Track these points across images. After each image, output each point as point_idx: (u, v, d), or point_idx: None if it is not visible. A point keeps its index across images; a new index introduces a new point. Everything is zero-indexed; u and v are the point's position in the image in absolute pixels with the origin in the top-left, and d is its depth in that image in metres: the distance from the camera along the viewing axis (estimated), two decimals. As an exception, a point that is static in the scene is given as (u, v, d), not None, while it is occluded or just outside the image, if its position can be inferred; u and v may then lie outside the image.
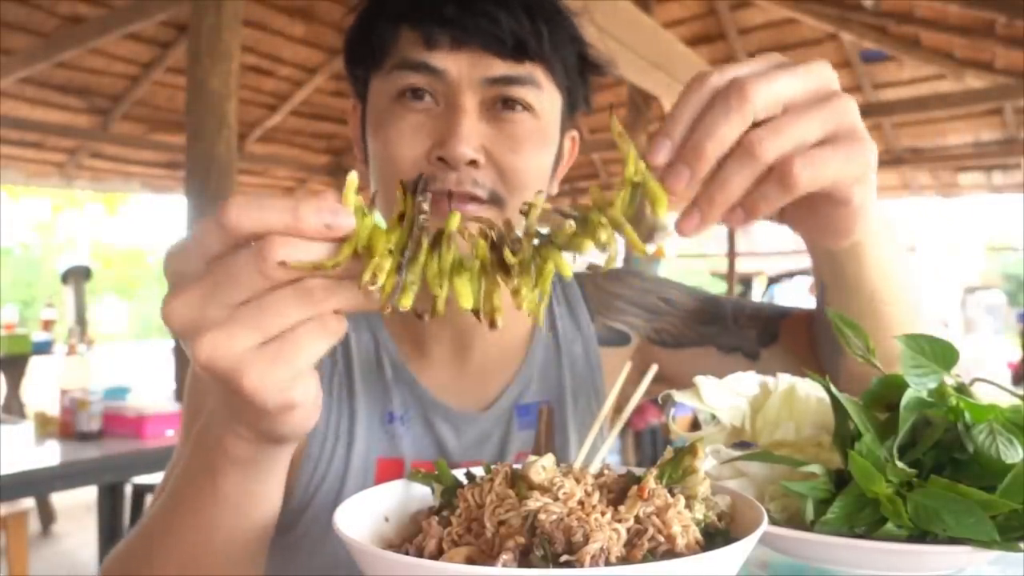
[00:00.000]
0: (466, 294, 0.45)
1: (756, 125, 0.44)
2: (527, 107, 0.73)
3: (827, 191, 0.48)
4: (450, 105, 0.71)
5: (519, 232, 0.46)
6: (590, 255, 0.45)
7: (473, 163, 0.71)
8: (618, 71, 4.76)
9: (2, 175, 7.18)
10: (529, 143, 0.73)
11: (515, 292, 0.45)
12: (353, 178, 0.43)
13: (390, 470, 0.81)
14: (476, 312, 0.45)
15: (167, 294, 0.43)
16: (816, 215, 0.53)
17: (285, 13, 6.23)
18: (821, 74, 0.46)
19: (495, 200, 0.73)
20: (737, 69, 0.45)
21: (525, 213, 0.46)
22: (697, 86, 0.45)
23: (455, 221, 0.45)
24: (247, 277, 0.41)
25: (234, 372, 0.41)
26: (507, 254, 0.44)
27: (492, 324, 0.45)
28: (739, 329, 0.87)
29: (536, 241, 0.46)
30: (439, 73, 0.71)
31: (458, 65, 0.71)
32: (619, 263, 0.47)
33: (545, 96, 0.75)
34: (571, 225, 0.44)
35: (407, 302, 0.43)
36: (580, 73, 0.80)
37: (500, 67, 0.72)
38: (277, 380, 0.42)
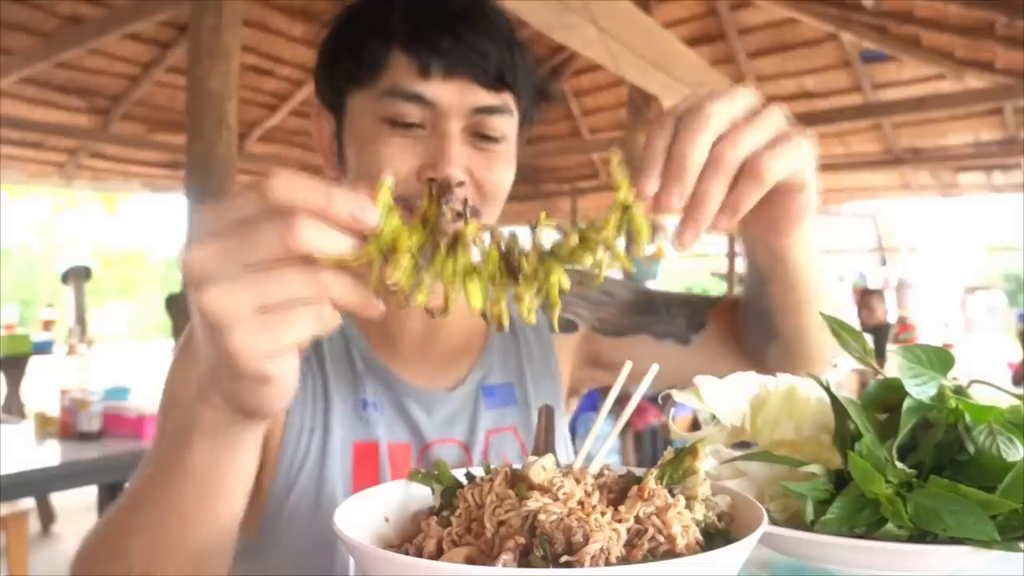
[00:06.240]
0: (476, 296, 0.49)
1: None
2: (500, 137, 0.82)
3: (789, 180, 0.56)
4: (438, 130, 0.79)
5: (525, 244, 0.50)
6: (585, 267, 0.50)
7: (460, 184, 0.79)
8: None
9: (2, 175, 7.18)
10: (502, 164, 0.83)
11: (519, 298, 0.49)
12: (388, 179, 0.46)
13: (365, 452, 0.87)
14: (483, 314, 0.49)
15: (192, 243, 0.45)
16: (774, 208, 0.61)
17: (285, 13, 6.24)
18: (747, 95, 0.56)
19: (473, 212, 0.80)
20: (684, 104, 0.54)
21: (534, 227, 0.50)
22: (658, 128, 0.53)
23: (471, 229, 0.49)
24: (267, 242, 0.43)
25: (225, 327, 0.44)
26: (523, 262, 0.49)
27: (500, 327, 0.50)
28: (670, 317, 0.98)
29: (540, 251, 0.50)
30: (431, 104, 0.78)
31: (449, 94, 0.79)
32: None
33: (513, 121, 0.84)
34: (575, 239, 0.48)
35: (422, 299, 0.47)
36: (533, 99, 0.90)
37: (485, 97, 0.80)
38: (260, 348, 0.44)
